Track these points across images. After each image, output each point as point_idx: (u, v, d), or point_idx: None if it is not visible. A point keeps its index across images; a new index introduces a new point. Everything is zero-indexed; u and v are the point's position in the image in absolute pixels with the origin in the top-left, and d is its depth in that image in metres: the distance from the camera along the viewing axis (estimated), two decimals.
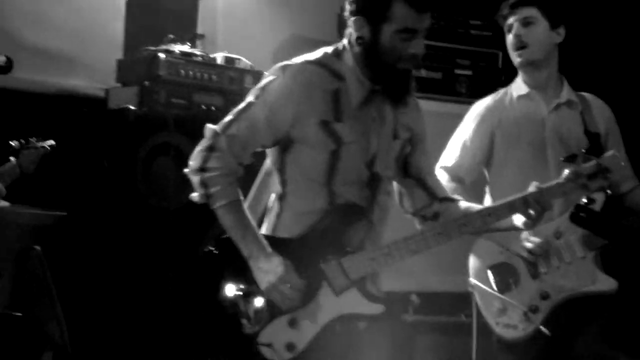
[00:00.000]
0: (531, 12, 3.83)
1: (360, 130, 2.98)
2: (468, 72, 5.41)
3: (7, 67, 4.25)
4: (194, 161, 2.87)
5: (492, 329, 3.80)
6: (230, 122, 2.90)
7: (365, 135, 3.00)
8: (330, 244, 3.02)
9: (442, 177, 3.90)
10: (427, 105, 3.91)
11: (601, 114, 3.98)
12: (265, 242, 2.91)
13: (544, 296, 3.69)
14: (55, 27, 5.25)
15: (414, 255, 3.04)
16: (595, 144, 3.77)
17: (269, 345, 2.92)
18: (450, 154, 4.08)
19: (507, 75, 4.82)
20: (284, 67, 2.94)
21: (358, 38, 2.85)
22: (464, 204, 3.23)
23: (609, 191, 3.18)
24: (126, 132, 4.73)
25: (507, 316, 3.74)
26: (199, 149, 2.90)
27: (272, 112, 2.91)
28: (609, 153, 3.04)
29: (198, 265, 3.24)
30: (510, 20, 3.87)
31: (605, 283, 3.73)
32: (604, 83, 4.67)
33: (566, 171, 2.99)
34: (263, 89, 2.91)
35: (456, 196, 3.31)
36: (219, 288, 2.99)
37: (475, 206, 3.21)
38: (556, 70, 3.97)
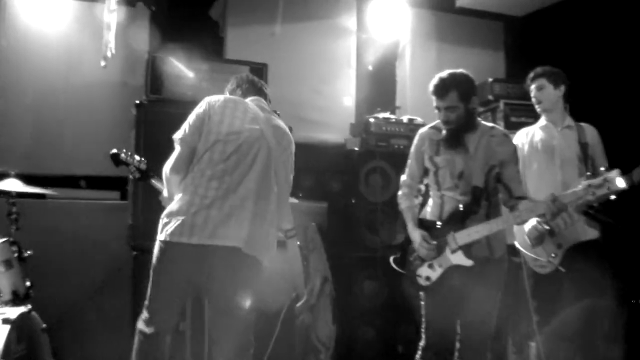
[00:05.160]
0: (541, 81, 4.48)
1: (448, 158, 3.78)
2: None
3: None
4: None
5: (534, 269, 4.41)
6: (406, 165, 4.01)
7: (451, 161, 3.77)
8: (453, 226, 3.73)
9: None
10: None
11: (590, 133, 4.48)
12: (416, 223, 3.85)
13: (559, 246, 4.25)
14: (318, 107, 6.23)
15: (504, 228, 3.74)
16: (584, 150, 4.41)
17: (419, 275, 3.83)
18: None
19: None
20: (418, 132, 4.01)
21: None
22: (528, 201, 3.78)
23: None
24: (354, 161, 5.74)
25: (539, 261, 4.32)
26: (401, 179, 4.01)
27: (415, 152, 3.96)
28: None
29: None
30: (531, 86, 4.53)
31: (591, 233, 4.23)
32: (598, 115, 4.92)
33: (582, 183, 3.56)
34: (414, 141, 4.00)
35: (524, 195, 3.84)
36: (407, 246, 3.91)
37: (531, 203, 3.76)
38: (562, 110, 4.53)
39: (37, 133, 5.33)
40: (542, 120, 4.63)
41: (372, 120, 5.82)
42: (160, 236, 3.27)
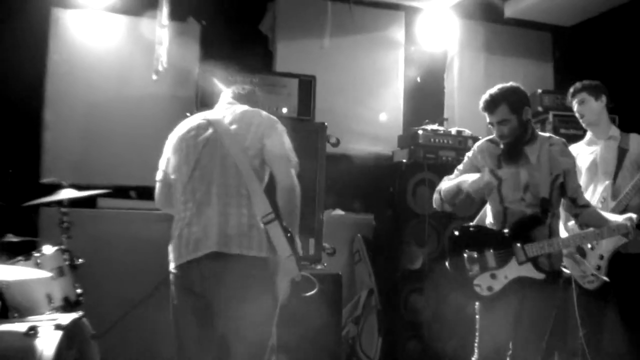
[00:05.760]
0: (582, 95, 4.51)
1: (512, 171, 3.75)
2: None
3: (337, 144, 5.16)
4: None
5: (582, 285, 4.40)
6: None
7: (516, 174, 3.74)
8: (520, 237, 3.69)
9: None
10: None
11: (635, 141, 4.46)
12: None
13: (601, 257, 4.26)
14: (366, 119, 6.23)
15: (574, 246, 3.97)
16: (621, 157, 4.39)
17: (479, 285, 3.74)
18: None
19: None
20: (476, 143, 3.99)
21: None
22: (593, 210, 3.85)
23: None
24: (402, 173, 5.69)
25: (587, 277, 4.31)
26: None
27: (468, 162, 3.94)
28: None
29: (450, 240, 4.06)
30: (573, 102, 4.57)
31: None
32: None
33: None
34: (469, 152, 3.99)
35: (588, 203, 3.87)
36: (461, 252, 3.79)
37: (604, 216, 3.81)
38: (606, 121, 4.56)
39: (88, 144, 5.42)
40: (587, 135, 4.63)
41: (420, 132, 5.81)
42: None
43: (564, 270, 4.22)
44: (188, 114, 4.79)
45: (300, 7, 6.11)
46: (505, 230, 3.75)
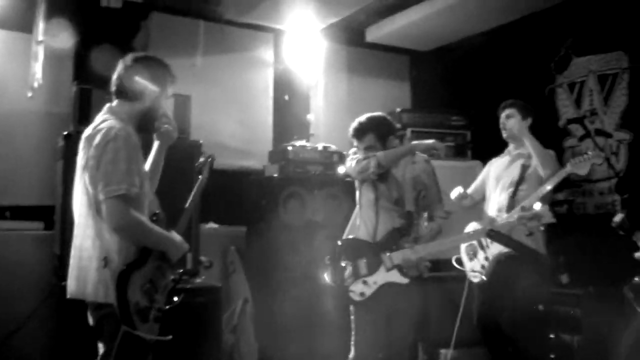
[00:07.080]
0: (512, 110, 4.64)
1: (384, 189, 4.02)
2: (452, 144, 6.08)
3: (212, 161, 4.80)
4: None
5: (471, 280, 4.66)
6: None
7: (388, 190, 4.02)
8: (388, 246, 3.92)
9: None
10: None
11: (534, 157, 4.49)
12: None
13: (486, 259, 4.50)
14: (238, 135, 6.36)
15: (431, 255, 4.00)
16: (522, 173, 4.51)
17: (353, 291, 3.96)
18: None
19: (474, 144, 6.00)
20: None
21: None
22: (434, 224, 4.07)
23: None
24: (273, 187, 5.78)
25: (475, 273, 4.58)
26: None
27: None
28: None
29: (331, 251, 4.11)
30: (502, 113, 4.69)
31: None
32: None
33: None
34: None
35: (434, 217, 4.10)
36: (339, 261, 4.01)
37: (435, 234, 4.06)
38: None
39: None
40: (510, 145, 4.81)
41: (289, 148, 5.95)
42: None
43: (456, 265, 4.60)
44: (66, 133, 4.77)
45: (173, 25, 6.13)
46: (377, 241, 3.99)
